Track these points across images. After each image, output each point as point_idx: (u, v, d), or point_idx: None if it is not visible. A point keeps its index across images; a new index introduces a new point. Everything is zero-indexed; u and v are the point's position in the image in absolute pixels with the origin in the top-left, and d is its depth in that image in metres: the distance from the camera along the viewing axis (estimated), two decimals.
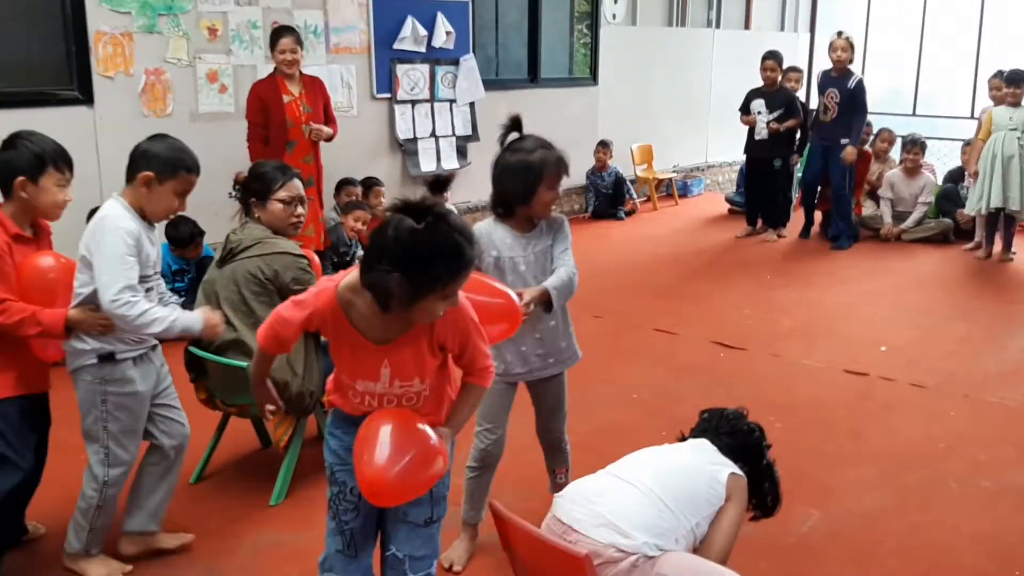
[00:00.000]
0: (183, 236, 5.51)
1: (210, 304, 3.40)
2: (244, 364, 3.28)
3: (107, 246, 2.67)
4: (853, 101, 7.66)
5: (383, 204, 6.72)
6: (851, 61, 7.79)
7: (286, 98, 5.70)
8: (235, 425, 3.77)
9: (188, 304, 5.26)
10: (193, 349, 3.45)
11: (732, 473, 2.52)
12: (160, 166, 2.77)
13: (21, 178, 2.75)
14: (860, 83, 7.69)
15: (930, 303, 6.37)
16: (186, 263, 5.70)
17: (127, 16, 5.64)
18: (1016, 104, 7.20)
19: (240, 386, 3.37)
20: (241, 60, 6.28)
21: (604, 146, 9.33)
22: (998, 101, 7.56)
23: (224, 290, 3.37)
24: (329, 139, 5.90)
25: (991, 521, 3.37)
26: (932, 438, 4.08)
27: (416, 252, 1.88)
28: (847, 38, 7.75)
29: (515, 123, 2.82)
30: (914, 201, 8.28)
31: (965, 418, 4.32)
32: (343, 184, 6.68)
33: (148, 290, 2.80)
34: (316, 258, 3.99)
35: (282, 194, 3.37)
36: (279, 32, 5.73)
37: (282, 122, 5.68)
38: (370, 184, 6.92)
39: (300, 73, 5.82)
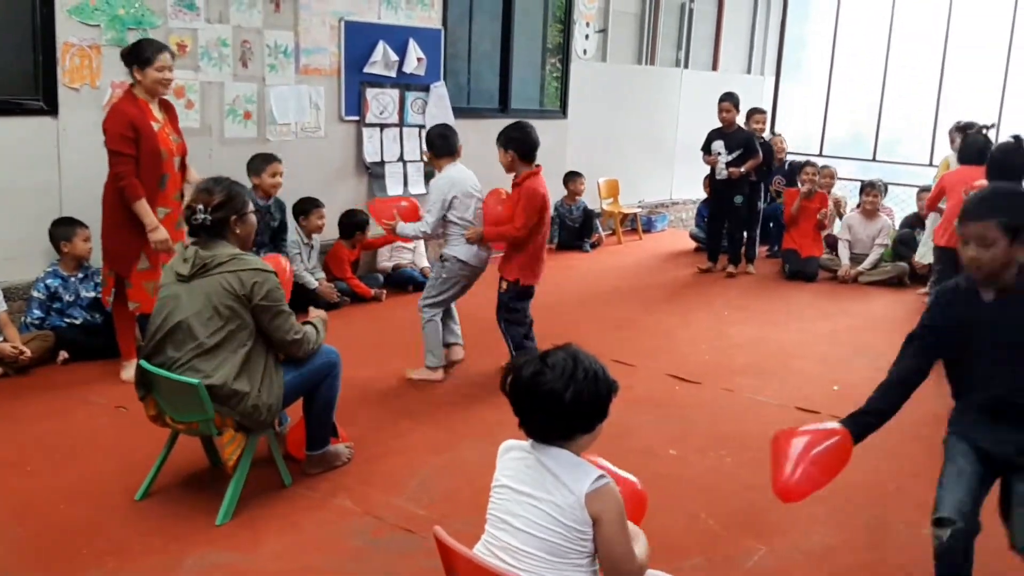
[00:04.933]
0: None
1: (168, 319, 3.38)
2: (195, 381, 3.27)
3: None
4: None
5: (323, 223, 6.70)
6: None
7: (155, 125, 4.75)
8: (184, 442, 3.72)
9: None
10: (144, 364, 3.41)
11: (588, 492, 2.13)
12: None
13: None
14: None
15: (884, 344, 6.42)
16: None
17: (96, 29, 5.61)
18: None
19: (190, 403, 3.34)
20: (209, 77, 6.26)
21: (577, 177, 9.37)
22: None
23: (194, 304, 3.36)
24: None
25: None
26: (883, 478, 4.11)
27: None
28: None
29: None
30: (871, 243, 8.43)
31: (917, 458, 4.34)
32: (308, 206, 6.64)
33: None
34: (287, 267, 4.08)
35: (250, 207, 3.57)
36: (158, 46, 4.77)
37: (155, 151, 4.70)
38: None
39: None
